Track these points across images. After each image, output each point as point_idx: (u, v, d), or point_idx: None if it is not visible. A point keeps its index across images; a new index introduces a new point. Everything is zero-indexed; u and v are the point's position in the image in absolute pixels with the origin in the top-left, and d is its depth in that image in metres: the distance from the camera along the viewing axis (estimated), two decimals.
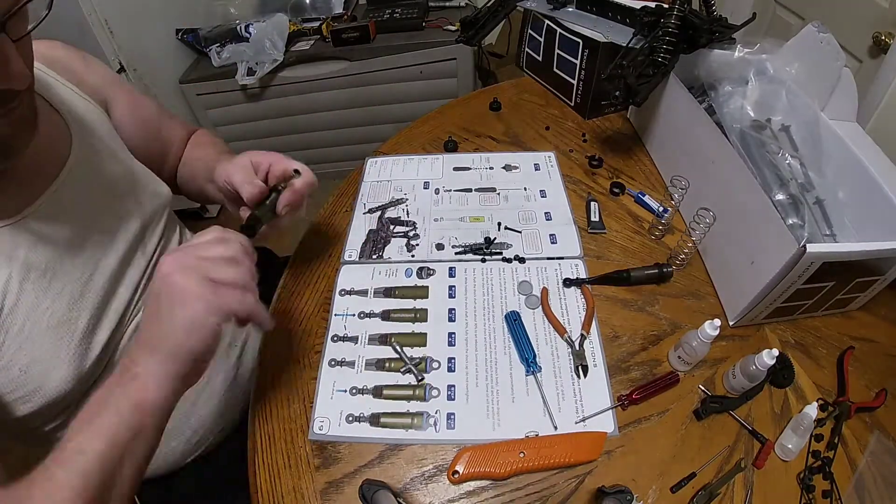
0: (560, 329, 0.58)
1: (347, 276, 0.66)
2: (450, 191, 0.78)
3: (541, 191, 0.77)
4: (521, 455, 0.48)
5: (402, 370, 0.55)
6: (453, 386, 0.54)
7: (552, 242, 0.69)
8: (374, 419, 0.52)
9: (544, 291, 0.62)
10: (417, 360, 0.56)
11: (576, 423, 0.51)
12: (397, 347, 0.57)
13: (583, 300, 0.62)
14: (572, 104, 0.96)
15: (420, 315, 0.61)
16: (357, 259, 0.68)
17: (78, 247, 0.52)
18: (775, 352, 0.49)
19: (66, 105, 0.55)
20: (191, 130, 0.76)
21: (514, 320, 0.58)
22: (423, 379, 0.55)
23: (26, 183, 0.49)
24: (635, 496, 0.44)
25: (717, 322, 0.50)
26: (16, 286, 0.46)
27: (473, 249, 0.68)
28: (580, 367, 0.55)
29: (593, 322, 0.59)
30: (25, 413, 0.48)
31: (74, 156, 0.53)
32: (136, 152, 0.63)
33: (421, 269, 0.66)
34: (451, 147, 0.87)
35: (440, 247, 0.69)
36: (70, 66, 0.57)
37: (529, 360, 0.55)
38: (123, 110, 0.63)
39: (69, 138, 0.53)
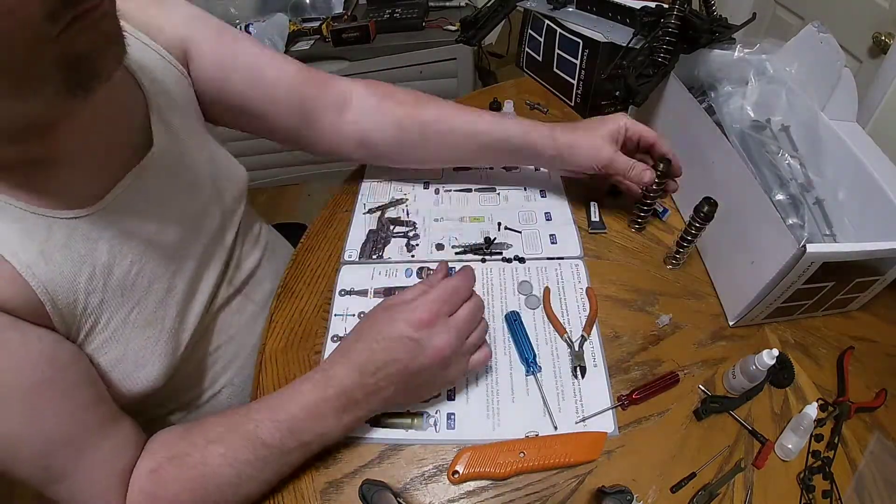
0: (560, 329, 0.58)
1: (347, 277, 0.66)
2: (450, 191, 0.78)
3: (541, 191, 0.77)
4: (521, 455, 0.48)
5: None
6: (453, 386, 0.54)
7: (552, 242, 0.69)
8: (374, 419, 0.52)
9: (546, 290, 0.62)
10: None
11: (576, 423, 0.51)
12: None
13: (583, 301, 0.62)
14: (572, 104, 0.96)
15: None
16: (357, 259, 0.68)
17: (162, 239, 0.48)
18: (775, 352, 0.49)
19: (143, 68, 0.47)
20: (341, 89, 0.63)
21: (514, 320, 0.58)
22: None
23: (105, 163, 0.44)
24: (635, 496, 0.44)
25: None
26: (100, 282, 0.42)
27: (473, 249, 0.68)
28: (578, 368, 0.55)
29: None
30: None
31: (157, 134, 0.48)
32: (220, 116, 0.56)
33: (421, 269, 0.66)
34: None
35: (440, 247, 0.69)
36: (145, 10, 0.48)
37: (529, 361, 0.55)
38: (205, 59, 0.51)
39: (146, 110, 0.47)
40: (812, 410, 0.47)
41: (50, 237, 0.39)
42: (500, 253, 0.68)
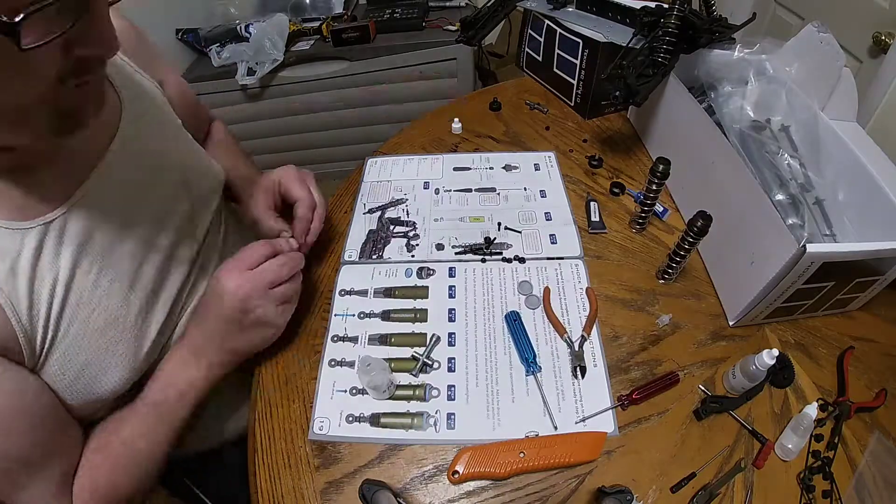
0: (560, 329, 0.58)
1: (347, 277, 0.66)
2: (450, 191, 0.78)
3: (541, 191, 0.77)
4: (521, 455, 0.48)
5: (412, 371, 0.55)
6: (453, 386, 0.54)
7: (552, 242, 0.69)
8: (374, 419, 0.52)
9: (546, 290, 0.62)
10: (427, 361, 0.56)
11: (576, 423, 0.51)
12: (418, 352, 0.57)
13: (583, 301, 0.62)
14: (572, 104, 0.96)
15: (420, 315, 0.61)
16: (357, 259, 0.68)
17: (127, 233, 0.50)
18: (775, 352, 0.49)
19: (124, 80, 0.54)
20: (211, 118, 0.77)
21: (514, 320, 0.58)
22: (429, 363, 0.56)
23: (77, 160, 0.47)
24: (635, 496, 0.44)
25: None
26: (61, 290, 0.44)
27: (473, 249, 0.68)
28: (578, 368, 0.55)
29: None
30: (75, 414, 0.48)
31: (122, 129, 0.51)
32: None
33: (421, 269, 0.66)
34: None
35: (440, 247, 0.69)
36: (125, 37, 0.55)
37: (529, 361, 0.55)
38: (173, 88, 0.62)
39: (119, 111, 0.52)
40: (812, 410, 0.47)
41: (21, 251, 0.41)
42: (500, 253, 0.68)
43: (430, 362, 0.56)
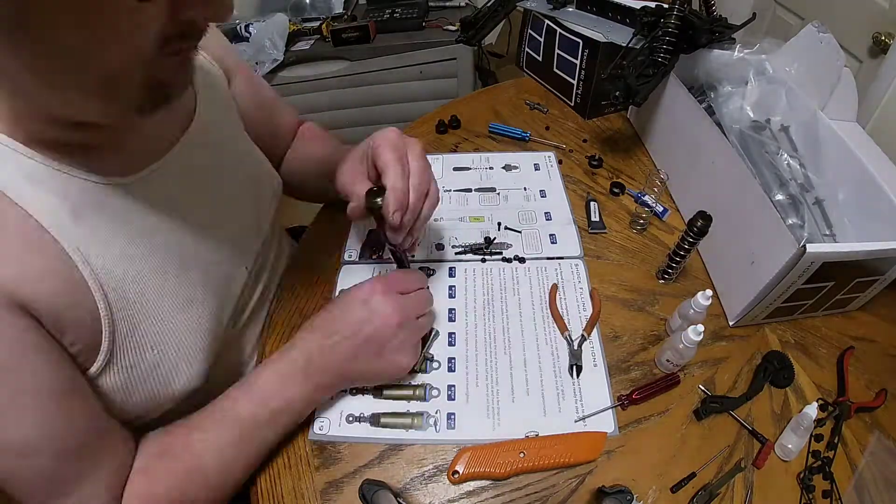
0: (562, 325, 0.58)
1: (347, 277, 0.65)
2: (450, 191, 0.78)
3: (541, 191, 0.77)
4: (521, 455, 0.48)
5: (414, 367, 0.55)
6: (453, 386, 0.54)
7: (552, 242, 0.69)
8: (374, 419, 0.52)
9: (553, 287, 0.62)
10: (428, 355, 0.56)
11: (576, 422, 0.51)
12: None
13: (583, 300, 0.62)
14: (572, 104, 0.96)
15: None
16: (357, 259, 0.68)
17: (193, 217, 0.48)
18: (709, 292, 0.50)
19: (197, 67, 0.52)
20: (300, 121, 0.74)
21: None
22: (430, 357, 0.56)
23: (150, 145, 0.45)
24: (635, 496, 0.44)
25: (700, 328, 0.49)
26: (140, 250, 0.41)
27: (473, 249, 0.68)
28: (574, 367, 0.55)
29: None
30: (145, 417, 0.45)
31: (199, 116, 0.50)
32: (251, 130, 0.60)
33: (421, 269, 0.66)
34: (442, 130, 0.90)
35: (440, 247, 0.69)
36: None
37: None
38: (242, 84, 0.60)
39: (195, 96, 0.51)
40: (812, 410, 0.47)
41: (95, 205, 0.39)
42: (500, 253, 0.68)
43: (430, 356, 0.56)
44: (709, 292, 0.50)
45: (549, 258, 0.67)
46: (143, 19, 0.29)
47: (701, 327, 0.49)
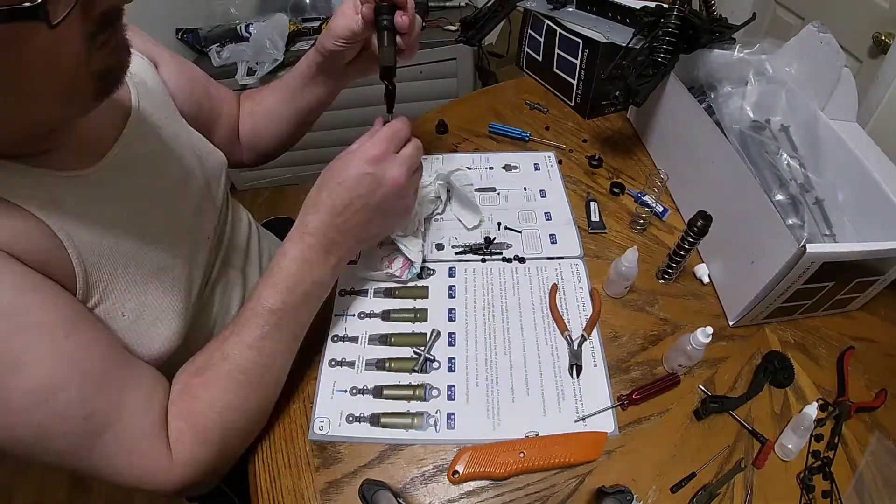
0: (562, 325, 0.58)
1: (347, 277, 0.65)
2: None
3: (541, 191, 0.77)
4: (521, 455, 0.48)
5: (414, 367, 0.55)
6: (453, 386, 0.54)
7: (552, 242, 0.69)
8: (375, 419, 0.52)
9: (553, 287, 0.62)
10: (429, 356, 0.57)
11: (576, 422, 0.51)
12: (419, 349, 0.57)
13: (583, 300, 0.62)
14: (572, 104, 0.96)
15: (420, 315, 0.61)
16: (357, 259, 0.68)
17: (157, 194, 0.51)
18: (709, 329, 0.50)
19: None
20: (237, 94, 0.75)
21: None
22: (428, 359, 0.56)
23: (99, 131, 0.48)
24: (635, 496, 0.44)
25: (710, 330, 0.50)
26: (113, 235, 0.44)
27: (473, 249, 0.68)
28: (574, 367, 0.55)
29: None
30: None
31: (136, 105, 0.52)
32: (186, 113, 0.61)
33: (421, 269, 0.66)
34: (442, 130, 0.89)
35: (440, 247, 0.69)
36: None
37: None
38: (171, 68, 0.61)
39: (129, 89, 0.53)
40: (812, 410, 0.47)
41: (65, 192, 0.41)
42: (500, 253, 0.68)
43: (431, 357, 0.56)
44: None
45: (549, 258, 0.67)
46: (64, 35, 0.31)
47: (710, 329, 0.49)
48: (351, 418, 0.52)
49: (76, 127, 0.44)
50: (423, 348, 0.57)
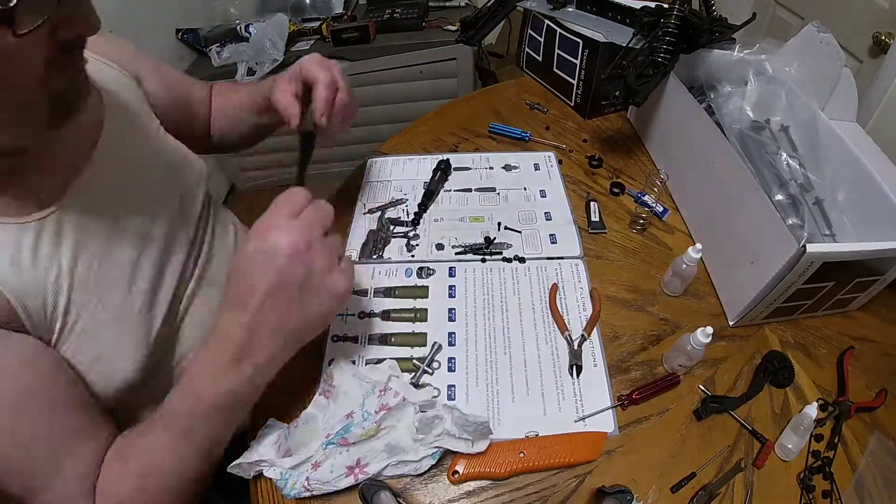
0: (562, 325, 0.58)
1: None
2: (450, 191, 0.78)
3: (541, 191, 0.77)
4: (521, 455, 0.48)
5: (412, 378, 0.55)
6: (453, 386, 0.54)
7: (552, 242, 0.69)
8: None
9: (553, 287, 0.62)
10: (427, 370, 0.56)
11: (576, 422, 0.51)
12: (418, 361, 0.56)
13: (583, 300, 0.62)
14: (572, 104, 0.96)
15: (420, 315, 0.61)
16: (357, 259, 0.68)
17: (123, 226, 0.50)
18: (709, 329, 0.50)
19: (101, 80, 0.53)
20: (209, 86, 0.76)
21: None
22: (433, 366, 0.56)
23: (67, 160, 0.47)
24: (635, 496, 0.44)
25: (710, 329, 0.50)
26: (66, 282, 0.43)
27: (473, 249, 0.68)
28: (574, 367, 0.55)
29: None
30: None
31: (108, 129, 0.51)
32: (169, 119, 0.61)
33: (421, 269, 0.66)
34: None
35: (440, 247, 0.69)
36: (104, 46, 0.56)
37: None
38: (152, 79, 0.61)
39: (102, 110, 0.52)
40: (812, 410, 0.47)
41: (20, 244, 0.41)
42: (500, 253, 0.68)
43: (430, 371, 0.56)
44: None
45: (549, 258, 0.67)
46: (27, 51, 0.32)
47: (710, 329, 0.49)
48: None
49: (39, 159, 0.44)
50: (421, 356, 0.56)
